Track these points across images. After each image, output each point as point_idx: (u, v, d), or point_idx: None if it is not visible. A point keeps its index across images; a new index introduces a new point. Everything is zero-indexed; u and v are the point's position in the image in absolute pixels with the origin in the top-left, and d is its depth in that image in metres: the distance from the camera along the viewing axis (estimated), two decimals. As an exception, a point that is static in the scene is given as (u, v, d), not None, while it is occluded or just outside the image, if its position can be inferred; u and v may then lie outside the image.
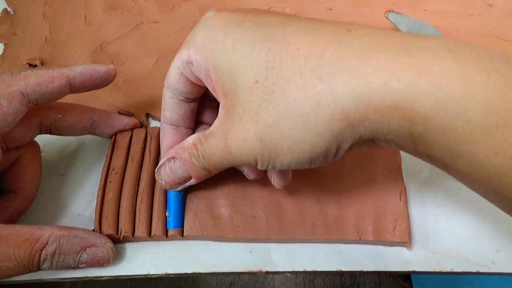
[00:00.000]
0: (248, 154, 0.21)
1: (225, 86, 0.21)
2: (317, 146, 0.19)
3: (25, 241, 0.23)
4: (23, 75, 0.25)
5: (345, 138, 0.19)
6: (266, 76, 0.19)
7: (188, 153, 0.24)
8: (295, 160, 0.20)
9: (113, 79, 0.28)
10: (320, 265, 0.27)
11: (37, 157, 0.28)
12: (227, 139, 0.21)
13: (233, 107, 0.21)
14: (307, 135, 0.19)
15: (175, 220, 0.27)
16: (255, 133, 0.20)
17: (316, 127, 0.19)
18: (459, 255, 0.27)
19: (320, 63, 0.19)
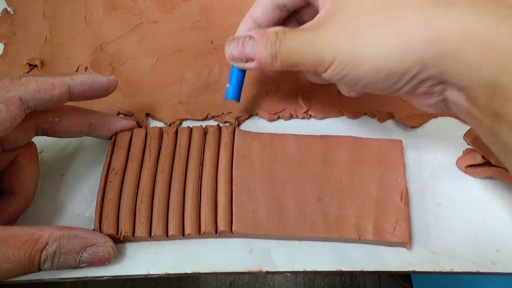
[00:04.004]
0: (331, 49, 0.22)
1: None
2: (402, 60, 0.20)
3: (25, 242, 0.23)
4: (24, 80, 0.24)
5: (430, 65, 0.20)
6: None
7: (266, 37, 0.24)
8: (374, 71, 0.21)
9: (114, 90, 0.28)
10: (320, 265, 0.27)
11: (34, 158, 0.28)
12: (317, 31, 0.22)
13: (340, 8, 0.22)
14: (400, 46, 0.20)
15: (234, 91, 0.29)
16: (351, 32, 0.21)
17: (412, 43, 0.20)
18: (459, 255, 0.27)
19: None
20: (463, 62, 0.19)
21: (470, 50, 0.19)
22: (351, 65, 0.22)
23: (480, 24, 0.18)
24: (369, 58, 0.21)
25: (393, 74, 0.21)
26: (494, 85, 0.18)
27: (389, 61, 0.21)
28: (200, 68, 0.35)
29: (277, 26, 0.25)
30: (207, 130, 0.30)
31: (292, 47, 0.23)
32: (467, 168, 0.29)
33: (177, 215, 0.27)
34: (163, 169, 0.29)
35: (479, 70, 0.19)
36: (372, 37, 0.21)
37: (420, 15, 0.20)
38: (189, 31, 0.38)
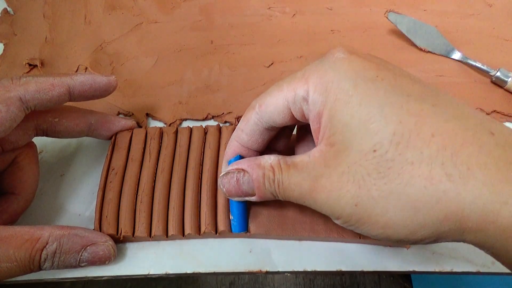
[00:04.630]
0: (334, 210, 0.20)
1: (335, 137, 0.20)
2: (415, 234, 0.19)
3: (25, 242, 0.23)
4: (23, 81, 0.24)
5: (447, 237, 0.18)
6: (388, 149, 0.18)
7: (263, 174, 0.22)
8: (383, 236, 0.19)
9: (113, 90, 0.28)
10: (320, 265, 0.27)
11: (33, 158, 0.28)
12: (316, 185, 0.20)
13: (336, 160, 0.20)
14: (410, 223, 0.18)
15: (239, 223, 0.26)
16: (352, 197, 0.19)
17: (424, 220, 0.18)
18: (459, 255, 0.27)
19: (454, 161, 0.17)
20: (485, 238, 0.18)
21: (493, 231, 0.17)
22: (358, 226, 0.20)
23: (504, 207, 0.16)
24: (377, 225, 0.19)
25: (406, 241, 0.19)
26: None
27: (399, 233, 0.19)
28: (200, 68, 0.35)
29: (271, 156, 0.23)
30: (207, 130, 0.30)
31: (293, 194, 0.22)
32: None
33: (177, 215, 0.27)
34: (163, 169, 0.29)
35: (507, 248, 0.17)
36: (376, 208, 0.19)
37: (430, 192, 0.18)
38: (189, 31, 0.38)
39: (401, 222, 0.18)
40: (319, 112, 0.20)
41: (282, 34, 0.38)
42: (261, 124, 0.24)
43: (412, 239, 0.19)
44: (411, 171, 0.18)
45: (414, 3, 0.40)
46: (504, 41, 0.37)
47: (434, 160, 0.17)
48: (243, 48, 0.37)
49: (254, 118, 0.24)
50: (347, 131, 0.19)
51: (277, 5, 0.39)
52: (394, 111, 0.18)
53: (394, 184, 0.18)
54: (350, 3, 0.40)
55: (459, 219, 0.17)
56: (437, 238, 0.19)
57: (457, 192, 0.17)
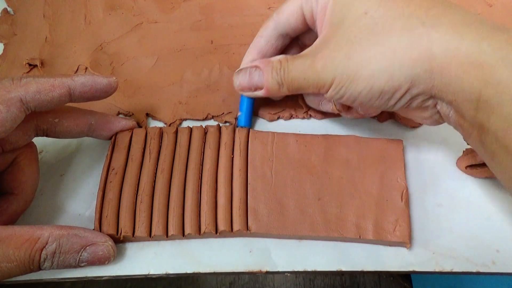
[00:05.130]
0: (329, 72, 0.24)
1: (335, 15, 0.24)
2: (393, 79, 0.22)
3: (25, 242, 0.23)
4: (24, 81, 0.24)
5: (419, 82, 0.22)
6: (377, 9, 0.23)
7: (271, 66, 0.26)
8: (368, 88, 0.23)
9: (114, 91, 0.28)
10: (320, 265, 0.27)
11: (33, 158, 0.28)
12: (316, 57, 0.24)
13: (334, 34, 0.24)
14: (390, 66, 0.22)
15: (246, 118, 0.30)
16: (346, 54, 0.23)
17: (401, 62, 0.22)
18: (459, 255, 0.27)
19: (427, 13, 0.22)
20: (448, 78, 0.21)
21: (454, 67, 0.20)
22: (348, 85, 0.23)
23: (462, 42, 0.20)
24: (363, 77, 0.23)
25: (385, 92, 0.23)
26: (478, 99, 0.20)
27: (381, 80, 0.22)
28: (200, 68, 0.35)
29: (280, 55, 0.27)
30: (207, 130, 0.30)
31: (296, 74, 0.25)
32: (467, 168, 0.30)
33: (177, 215, 0.27)
34: (163, 169, 0.29)
35: (463, 85, 0.20)
36: (364, 58, 0.23)
37: (407, 36, 0.22)
38: (189, 31, 0.38)
39: (383, 68, 0.22)
40: (324, 5, 0.25)
41: (282, 34, 0.38)
42: (277, 30, 0.28)
43: (391, 86, 0.22)
44: (393, 24, 0.22)
45: (414, 3, 0.40)
46: (504, 41, 0.37)
47: (411, 15, 0.22)
48: (243, 48, 0.37)
49: (272, 25, 0.28)
50: (346, 5, 0.24)
51: (277, 5, 0.39)
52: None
53: (380, 35, 0.22)
54: (350, 3, 0.40)
55: (428, 57, 0.21)
56: (411, 84, 0.22)
57: (428, 34, 0.21)
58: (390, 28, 0.22)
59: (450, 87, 0.21)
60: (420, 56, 0.21)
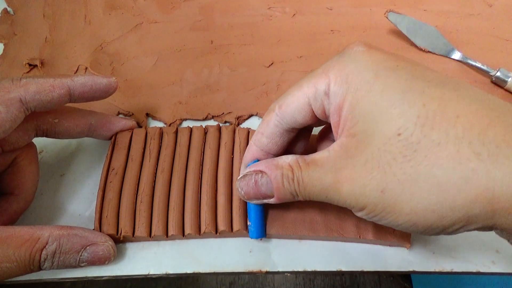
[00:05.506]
0: (359, 200, 0.20)
1: (357, 127, 0.20)
2: (443, 219, 0.18)
3: (25, 242, 0.23)
4: (24, 82, 0.24)
5: (477, 221, 0.18)
6: (413, 131, 0.18)
7: (281, 174, 0.22)
8: (410, 224, 0.19)
9: (114, 91, 0.28)
10: (320, 265, 0.27)
11: (33, 158, 0.28)
12: (340, 177, 0.20)
13: (359, 149, 0.20)
14: (439, 206, 0.18)
15: (257, 229, 0.26)
16: (378, 184, 0.19)
17: (454, 202, 0.18)
18: (459, 255, 0.27)
19: (481, 140, 0.17)
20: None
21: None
22: (384, 215, 0.20)
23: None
24: (403, 213, 0.19)
25: (433, 228, 0.19)
26: None
27: (427, 219, 0.19)
28: (200, 68, 0.35)
29: (289, 157, 0.23)
30: (207, 130, 0.30)
31: (314, 190, 0.21)
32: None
33: (177, 215, 0.27)
34: (163, 169, 0.29)
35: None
36: (403, 193, 0.18)
37: (459, 172, 0.17)
38: (189, 31, 0.38)
39: (429, 206, 0.18)
40: (339, 104, 0.20)
41: (282, 34, 0.38)
42: (281, 126, 0.24)
43: (440, 225, 0.18)
44: (437, 152, 0.18)
45: (414, 3, 0.40)
46: (504, 41, 0.37)
47: (461, 140, 0.17)
48: (243, 48, 0.37)
49: (275, 120, 0.23)
50: (369, 119, 0.19)
51: (277, 5, 0.39)
52: (416, 96, 0.18)
53: (421, 166, 0.18)
54: (350, 3, 0.40)
55: (489, 199, 0.17)
56: (466, 223, 0.18)
57: (487, 170, 0.17)
58: (433, 158, 0.18)
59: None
60: (478, 197, 0.17)
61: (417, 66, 0.20)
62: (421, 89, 0.19)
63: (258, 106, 0.33)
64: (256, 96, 0.34)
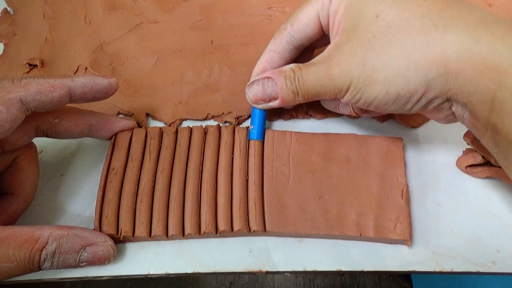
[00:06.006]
0: (346, 78, 0.24)
1: (348, 21, 0.24)
2: (409, 83, 0.22)
3: (25, 242, 0.23)
4: (24, 82, 0.24)
5: (434, 86, 0.22)
6: (388, 12, 0.22)
7: (284, 76, 0.26)
8: (383, 93, 0.23)
9: (114, 92, 0.28)
10: (320, 265, 0.27)
11: (33, 158, 0.28)
12: (331, 64, 0.24)
13: (348, 39, 0.24)
14: (405, 70, 0.22)
15: (258, 131, 0.29)
16: (361, 59, 0.23)
17: (416, 65, 0.21)
18: (459, 255, 0.27)
19: (440, 15, 0.21)
20: (463, 81, 0.21)
21: (469, 69, 0.20)
22: (364, 89, 0.23)
23: (477, 44, 0.20)
24: (378, 82, 0.23)
25: (401, 96, 0.23)
26: (492, 101, 0.20)
27: (396, 84, 0.22)
28: (200, 68, 0.35)
29: (291, 64, 0.27)
30: (207, 130, 0.30)
31: (311, 82, 0.25)
32: (467, 168, 0.30)
33: (177, 215, 0.27)
34: (163, 169, 0.29)
35: (478, 87, 0.20)
36: (379, 62, 0.22)
37: (421, 39, 0.21)
38: (189, 31, 0.38)
39: (399, 72, 0.22)
40: (335, 9, 0.25)
41: (282, 34, 0.38)
42: (292, 43, 0.28)
43: (407, 90, 0.22)
44: (407, 27, 0.22)
45: (414, 3, 0.40)
46: (504, 41, 0.37)
47: (425, 16, 0.22)
48: (243, 48, 0.37)
49: (286, 38, 0.28)
50: (358, 10, 0.23)
51: (277, 5, 0.39)
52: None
53: (394, 38, 0.22)
54: (350, 3, 0.40)
55: (443, 60, 0.21)
56: (427, 87, 0.22)
57: (442, 37, 0.21)
58: (403, 31, 0.22)
59: (465, 90, 0.21)
60: (435, 59, 0.21)
61: None
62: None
63: (258, 106, 0.33)
64: (256, 96, 0.34)
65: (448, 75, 0.21)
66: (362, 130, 0.32)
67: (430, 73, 0.21)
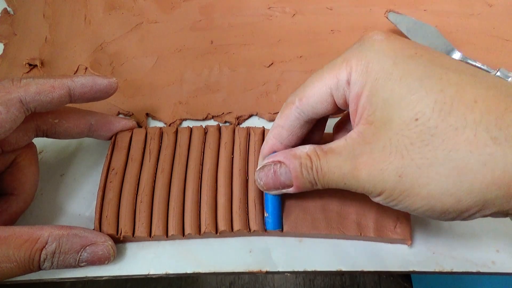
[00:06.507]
0: (377, 185, 0.20)
1: (375, 114, 0.20)
2: (460, 203, 0.19)
3: (25, 242, 0.23)
4: (24, 82, 0.24)
5: (493, 205, 0.18)
6: (430, 116, 0.18)
7: (300, 163, 0.22)
8: (427, 207, 0.20)
9: (114, 92, 0.28)
10: (320, 265, 0.27)
11: (33, 158, 0.28)
12: (358, 163, 0.21)
13: (376, 135, 0.20)
14: (456, 190, 0.18)
15: (274, 220, 0.27)
16: (396, 168, 0.19)
17: (471, 186, 0.18)
18: (459, 255, 0.27)
19: (498, 125, 0.17)
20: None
21: None
22: (401, 200, 0.20)
23: None
24: (420, 196, 0.19)
25: (450, 212, 0.19)
26: None
27: (444, 202, 0.19)
28: (200, 68, 0.35)
29: (307, 147, 0.23)
30: (207, 130, 0.30)
31: (332, 177, 0.22)
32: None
33: (177, 215, 0.27)
34: (163, 169, 0.29)
35: None
36: (420, 177, 0.19)
37: (475, 155, 0.18)
38: (189, 31, 0.38)
39: (446, 190, 0.19)
40: (358, 93, 0.21)
41: (282, 34, 0.38)
42: (302, 118, 0.24)
43: (457, 209, 0.19)
44: (455, 137, 0.18)
45: (414, 3, 0.40)
46: (504, 41, 0.37)
47: (479, 125, 0.18)
48: (243, 48, 0.37)
49: (295, 113, 0.24)
50: (387, 106, 0.20)
51: (277, 5, 0.39)
52: (434, 82, 0.19)
53: (439, 150, 0.18)
54: (350, 3, 0.40)
55: (506, 183, 0.17)
56: (482, 207, 0.18)
57: (504, 154, 0.17)
58: (451, 143, 0.18)
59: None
60: (494, 181, 0.18)
61: (435, 53, 0.20)
62: (439, 75, 0.19)
63: (258, 106, 0.33)
64: (256, 96, 0.34)
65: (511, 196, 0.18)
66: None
67: (489, 194, 0.18)
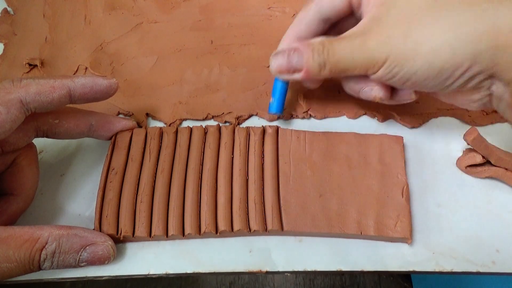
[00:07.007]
0: (383, 50, 0.23)
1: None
2: (455, 55, 0.21)
3: (25, 242, 0.23)
4: (24, 83, 0.24)
5: (481, 59, 0.21)
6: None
7: (312, 48, 0.25)
8: (426, 66, 0.22)
9: (114, 93, 0.28)
10: (320, 265, 0.27)
11: (33, 158, 0.28)
12: (367, 36, 0.23)
13: (388, 12, 0.23)
14: (452, 41, 0.21)
15: (278, 104, 0.29)
16: (404, 31, 0.22)
17: (465, 36, 0.21)
18: (459, 255, 0.27)
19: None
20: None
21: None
22: (403, 63, 0.22)
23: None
24: (422, 54, 0.22)
25: (445, 69, 0.22)
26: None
27: (442, 56, 0.21)
28: (200, 68, 0.35)
29: (320, 37, 0.26)
30: (207, 130, 0.30)
31: (342, 54, 0.24)
32: (467, 168, 0.30)
33: (177, 215, 0.27)
34: (163, 169, 0.29)
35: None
36: (425, 34, 0.22)
37: (472, 11, 0.21)
38: (189, 31, 0.38)
39: (446, 41, 0.21)
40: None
41: (282, 34, 0.38)
42: (319, 14, 0.27)
43: (453, 63, 0.21)
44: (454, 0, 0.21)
45: None
46: (504, 41, 0.37)
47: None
48: (243, 48, 0.37)
49: (314, 8, 0.27)
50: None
51: (277, 5, 0.39)
52: None
53: (442, 10, 0.21)
54: (350, 3, 0.40)
55: (495, 33, 0.20)
56: (472, 61, 0.21)
57: (494, 9, 0.20)
58: (452, 3, 0.21)
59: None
60: (485, 31, 0.20)
61: None
62: None
63: (258, 106, 0.33)
64: (256, 96, 0.34)
65: (498, 48, 0.20)
66: (361, 130, 0.32)
67: (480, 45, 0.21)
